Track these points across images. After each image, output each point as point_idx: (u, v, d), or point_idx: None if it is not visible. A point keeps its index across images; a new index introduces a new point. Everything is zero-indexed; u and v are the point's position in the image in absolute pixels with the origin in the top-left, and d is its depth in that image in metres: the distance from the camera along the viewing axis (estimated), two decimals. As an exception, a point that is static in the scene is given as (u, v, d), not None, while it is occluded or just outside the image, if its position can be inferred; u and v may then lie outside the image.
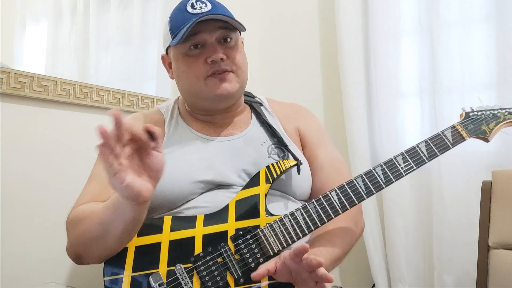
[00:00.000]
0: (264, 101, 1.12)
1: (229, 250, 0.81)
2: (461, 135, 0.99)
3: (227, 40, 0.96)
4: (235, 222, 0.84)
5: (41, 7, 1.25)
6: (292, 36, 2.03)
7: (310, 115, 1.16)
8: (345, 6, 1.74)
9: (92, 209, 0.85)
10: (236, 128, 1.03)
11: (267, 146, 0.99)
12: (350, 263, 1.80)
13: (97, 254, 0.83)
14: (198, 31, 0.93)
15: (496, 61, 1.45)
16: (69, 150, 1.26)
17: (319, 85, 1.93)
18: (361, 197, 0.87)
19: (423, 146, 0.95)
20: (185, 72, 0.97)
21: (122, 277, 0.79)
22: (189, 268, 0.80)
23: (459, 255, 1.46)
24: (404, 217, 1.58)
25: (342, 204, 0.86)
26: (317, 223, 0.85)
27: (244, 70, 1.00)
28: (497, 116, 1.03)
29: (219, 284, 0.78)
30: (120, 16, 1.47)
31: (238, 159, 0.95)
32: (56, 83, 1.23)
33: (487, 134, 1.01)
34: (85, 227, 0.82)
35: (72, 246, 0.87)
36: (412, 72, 1.65)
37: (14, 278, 1.11)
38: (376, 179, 0.89)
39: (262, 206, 0.86)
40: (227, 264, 0.80)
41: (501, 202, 1.15)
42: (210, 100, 0.98)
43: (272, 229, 0.83)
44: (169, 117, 1.04)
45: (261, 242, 0.82)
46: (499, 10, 1.45)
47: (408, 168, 0.92)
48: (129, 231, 0.80)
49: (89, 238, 0.82)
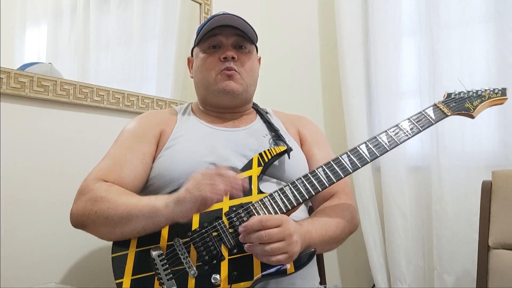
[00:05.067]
0: (269, 110, 1.23)
1: (223, 224, 0.87)
2: (443, 112, 1.03)
3: (242, 48, 1.10)
4: (229, 200, 0.90)
5: (41, 7, 1.25)
6: (292, 36, 2.03)
7: (312, 123, 1.24)
8: (345, 6, 1.74)
9: (117, 193, 0.89)
10: (242, 123, 1.13)
11: (268, 138, 1.08)
12: (350, 263, 1.80)
13: (104, 234, 0.88)
14: (216, 34, 1.08)
15: (496, 61, 1.45)
16: (69, 150, 1.26)
17: (319, 85, 1.93)
18: (347, 171, 0.92)
19: (406, 124, 1.00)
20: (200, 66, 1.10)
21: (127, 253, 0.86)
22: (186, 242, 0.85)
23: (459, 255, 1.46)
24: (404, 217, 1.58)
25: (328, 178, 0.92)
26: (304, 195, 0.90)
27: (251, 76, 1.11)
28: (481, 95, 1.06)
29: (213, 253, 0.83)
30: (120, 16, 1.47)
31: (241, 146, 1.03)
32: (56, 83, 1.23)
33: (471, 111, 1.03)
34: (107, 207, 0.86)
35: (82, 216, 0.89)
36: (412, 72, 1.65)
37: (14, 278, 1.11)
38: (361, 155, 0.94)
39: (255, 185, 0.93)
40: (221, 236, 0.86)
41: (501, 202, 1.15)
42: (215, 93, 1.08)
43: (263, 203, 0.89)
44: (181, 113, 1.15)
45: (252, 215, 0.87)
46: (499, 10, 1.45)
47: (392, 143, 0.96)
48: (148, 231, 0.85)
49: (107, 219, 0.85)
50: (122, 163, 0.98)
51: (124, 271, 0.83)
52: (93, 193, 0.89)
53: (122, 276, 0.83)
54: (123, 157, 0.99)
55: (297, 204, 0.89)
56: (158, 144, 1.05)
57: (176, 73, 1.63)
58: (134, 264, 0.84)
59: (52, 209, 1.20)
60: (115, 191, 0.90)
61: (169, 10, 1.65)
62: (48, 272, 1.19)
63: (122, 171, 0.96)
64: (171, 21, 1.65)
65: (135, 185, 0.98)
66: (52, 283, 1.16)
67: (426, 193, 1.57)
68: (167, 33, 1.64)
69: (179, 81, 1.63)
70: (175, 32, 1.66)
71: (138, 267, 0.84)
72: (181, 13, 1.69)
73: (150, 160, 1.02)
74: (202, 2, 1.76)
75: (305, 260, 0.84)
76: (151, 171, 1.02)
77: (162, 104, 1.55)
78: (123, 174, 0.96)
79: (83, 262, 1.26)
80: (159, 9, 1.61)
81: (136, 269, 0.84)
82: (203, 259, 0.83)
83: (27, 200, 1.16)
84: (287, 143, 1.05)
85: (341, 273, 1.82)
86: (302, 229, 0.87)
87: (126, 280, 0.82)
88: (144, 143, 1.03)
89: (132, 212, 0.84)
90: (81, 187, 0.93)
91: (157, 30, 1.61)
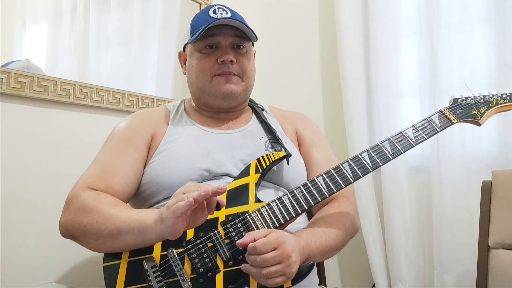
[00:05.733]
0: (266, 107, 1.19)
1: (218, 234, 0.84)
2: (449, 119, 0.98)
3: (240, 47, 1.05)
4: (225, 209, 0.87)
5: (41, 7, 1.25)
6: (292, 36, 2.03)
7: (310, 121, 1.20)
8: (345, 6, 1.74)
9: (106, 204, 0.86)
10: (237, 124, 1.09)
11: (264, 141, 1.04)
12: (350, 263, 1.80)
13: (94, 247, 0.86)
14: (214, 34, 1.02)
15: (496, 61, 1.45)
16: (69, 150, 1.26)
17: (319, 85, 1.93)
18: (348, 181, 0.88)
19: (410, 131, 0.96)
20: (195, 67, 1.05)
21: (119, 263, 0.83)
22: (180, 252, 0.82)
23: (459, 255, 1.47)
24: (404, 217, 1.59)
25: (328, 187, 0.87)
26: (303, 206, 0.86)
27: (250, 76, 1.07)
28: (489, 101, 1.01)
29: (208, 265, 0.80)
30: (120, 16, 1.47)
31: (236, 150, 1.00)
32: (56, 83, 1.23)
33: (477, 118, 0.99)
34: (96, 221, 0.83)
35: (71, 227, 0.86)
36: (412, 72, 1.65)
37: (14, 278, 1.11)
38: (363, 163, 0.90)
39: (252, 193, 0.90)
40: (216, 247, 0.82)
41: (501, 202, 1.15)
42: (213, 96, 1.05)
43: (260, 213, 0.85)
44: (174, 112, 1.10)
45: (249, 226, 0.84)
46: (499, 10, 1.45)
47: (395, 152, 0.92)
48: (139, 246, 0.83)
49: (97, 233, 0.83)
50: (112, 169, 0.93)
51: (116, 282, 0.81)
52: (81, 203, 0.86)
53: (114, 287, 0.80)
54: (112, 163, 0.95)
55: (296, 215, 0.86)
56: (150, 148, 1.01)
57: (176, 73, 1.63)
58: (126, 274, 0.81)
59: (51, 209, 1.19)
60: (104, 202, 0.86)
61: (169, 10, 1.65)
62: (47, 272, 1.19)
63: (111, 178, 0.92)
64: (171, 21, 1.65)
65: (125, 193, 0.94)
66: (52, 283, 1.16)
67: (426, 194, 1.57)
68: (167, 33, 1.64)
69: (179, 81, 1.63)
70: (175, 32, 1.66)
71: (130, 278, 0.81)
72: (181, 13, 1.69)
73: (141, 165, 0.98)
74: (202, 2, 1.76)
75: (303, 273, 0.83)
76: (143, 177, 0.98)
77: (162, 104, 1.55)
78: (112, 181, 0.92)
79: (82, 262, 1.26)
80: (159, 9, 1.61)
81: (128, 280, 0.81)
82: (198, 272, 0.80)
83: (27, 200, 1.16)
84: (285, 147, 1.02)
85: (341, 274, 1.82)
86: (302, 242, 0.83)
87: None
88: (135, 147, 0.98)
89: (121, 228, 0.81)
90: (68, 197, 0.90)
91: (157, 30, 1.61)
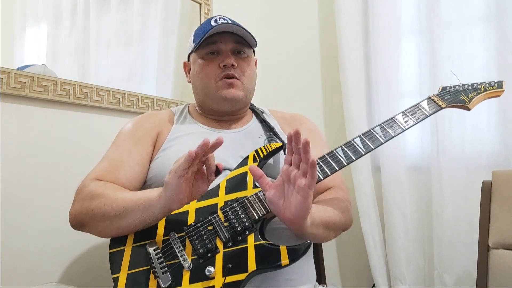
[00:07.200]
0: (266, 110, 1.23)
1: (218, 218, 0.88)
2: (437, 104, 1.03)
3: (240, 53, 1.11)
4: (225, 195, 0.92)
5: (41, 7, 1.25)
6: (292, 36, 2.04)
7: (309, 121, 1.23)
8: (345, 6, 1.74)
9: (112, 189, 0.91)
10: (238, 124, 1.15)
11: (263, 139, 1.09)
12: (350, 263, 1.80)
13: (102, 230, 0.89)
14: (216, 41, 1.08)
15: (496, 61, 1.45)
16: (69, 150, 1.26)
17: (319, 86, 1.94)
18: (341, 164, 0.92)
19: (400, 116, 1.00)
20: (199, 73, 1.10)
21: (124, 249, 0.87)
22: (182, 235, 0.87)
23: (459, 255, 1.46)
24: (404, 217, 1.58)
25: (322, 171, 0.91)
26: None
27: (250, 81, 1.12)
28: (477, 88, 1.05)
29: (208, 246, 0.84)
30: (120, 16, 1.47)
31: (237, 148, 1.04)
32: (56, 83, 1.23)
33: (466, 103, 1.03)
34: (103, 204, 0.87)
35: (80, 214, 0.91)
36: (412, 72, 1.65)
37: (14, 278, 1.11)
38: (355, 148, 0.94)
39: (250, 180, 0.94)
40: (216, 229, 0.86)
41: (501, 202, 1.15)
42: (216, 100, 1.09)
43: (257, 197, 0.90)
44: (178, 114, 1.16)
45: (247, 208, 0.88)
46: (499, 10, 1.45)
47: (387, 135, 0.96)
48: (145, 224, 0.86)
49: (104, 215, 0.87)
50: (119, 164, 0.99)
51: (120, 266, 0.84)
52: (89, 191, 0.91)
53: (118, 271, 0.84)
54: (119, 159, 1.00)
55: None
56: (155, 145, 1.07)
57: (176, 73, 1.63)
58: (131, 259, 0.85)
59: (51, 209, 1.20)
60: (111, 187, 0.92)
61: (169, 10, 1.65)
62: (47, 272, 1.19)
63: (118, 172, 0.98)
64: (171, 21, 1.65)
65: (132, 186, 0.99)
66: (52, 283, 1.16)
67: (426, 194, 1.57)
68: (167, 33, 1.64)
69: (179, 81, 1.63)
70: (175, 32, 1.66)
71: (134, 262, 0.85)
72: (181, 13, 1.69)
73: (147, 161, 1.04)
74: (202, 2, 1.76)
75: (301, 252, 0.84)
76: (149, 172, 1.03)
77: (162, 104, 1.55)
78: (119, 175, 0.97)
79: (82, 262, 1.26)
80: (159, 9, 1.61)
81: (132, 264, 0.84)
82: (198, 252, 0.84)
83: (27, 200, 1.16)
84: (282, 140, 1.06)
85: (341, 273, 1.82)
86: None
87: (122, 275, 0.83)
88: (141, 145, 1.05)
89: (127, 206, 0.86)
90: (78, 188, 0.95)
91: (157, 30, 1.61)
